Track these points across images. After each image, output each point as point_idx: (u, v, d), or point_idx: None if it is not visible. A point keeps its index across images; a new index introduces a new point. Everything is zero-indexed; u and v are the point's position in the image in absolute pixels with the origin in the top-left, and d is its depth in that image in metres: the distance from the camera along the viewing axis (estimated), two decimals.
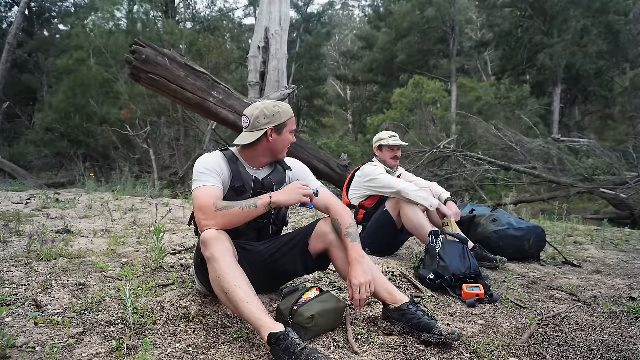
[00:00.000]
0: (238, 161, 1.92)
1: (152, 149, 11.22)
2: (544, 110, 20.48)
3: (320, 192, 1.91)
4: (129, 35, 14.19)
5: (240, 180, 1.87)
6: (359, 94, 31.42)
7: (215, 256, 1.61)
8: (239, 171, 1.89)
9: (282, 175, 2.00)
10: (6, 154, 12.95)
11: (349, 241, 1.79)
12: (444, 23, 22.23)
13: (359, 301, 1.68)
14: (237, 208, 1.67)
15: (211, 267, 1.63)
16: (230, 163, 1.89)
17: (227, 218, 1.67)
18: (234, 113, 5.29)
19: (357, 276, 1.70)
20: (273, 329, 1.48)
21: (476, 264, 2.49)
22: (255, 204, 1.69)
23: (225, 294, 1.58)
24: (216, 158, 1.88)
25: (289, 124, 1.92)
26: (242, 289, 1.57)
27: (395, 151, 3.18)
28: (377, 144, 3.22)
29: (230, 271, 1.60)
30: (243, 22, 28.01)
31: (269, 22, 9.16)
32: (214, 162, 1.85)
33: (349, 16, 41.04)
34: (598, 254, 3.73)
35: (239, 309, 1.56)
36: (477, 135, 13.92)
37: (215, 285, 1.64)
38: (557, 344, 1.78)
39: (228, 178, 1.86)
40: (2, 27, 20.61)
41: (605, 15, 19.11)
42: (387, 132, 3.28)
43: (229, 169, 1.87)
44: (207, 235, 1.64)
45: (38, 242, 2.62)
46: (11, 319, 1.70)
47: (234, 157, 1.92)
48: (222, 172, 1.84)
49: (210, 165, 1.82)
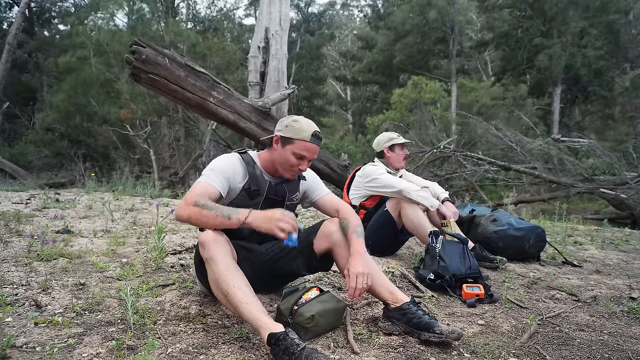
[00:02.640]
0: (255, 165, 1.91)
1: (152, 149, 11.22)
2: (544, 110, 20.48)
3: (329, 197, 1.99)
4: (130, 34, 14.19)
5: (256, 184, 1.86)
6: (359, 94, 31.43)
7: (213, 258, 1.61)
8: (255, 175, 1.88)
9: (297, 183, 2.00)
10: (6, 154, 12.95)
11: (355, 237, 1.80)
12: (444, 23, 22.23)
13: (354, 290, 1.67)
14: (213, 212, 1.63)
15: (210, 268, 1.63)
16: (248, 166, 1.88)
17: (199, 216, 1.64)
18: (234, 113, 5.29)
19: (355, 265, 1.70)
20: (272, 329, 1.48)
21: (476, 264, 2.49)
22: (229, 216, 1.64)
23: (225, 296, 1.59)
24: (233, 160, 1.87)
25: (296, 145, 1.82)
26: (241, 291, 1.57)
27: (405, 150, 3.18)
28: (387, 144, 3.15)
29: (228, 273, 1.60)
30: (243, 22, 28.03)
31: (269, 22, 9.16)
32: (228, 164, 1.84)
33: (349, 16, 41.05)
34: (598, 254, 3.73)
35: (238, 310, 1.56)
36: (477, 135, 13.92)
37: (214, 287, 1.64)
38: (557, 344, 1.78)
39: (243, 180, 1.85)
40: (2, 27, 20.60)
41: (604, 15, 19.11)
42: (392, 133, 3.26)
43: (246, 172, 1.87)
44: (206, 237, 1.65)
45: (38, 242, 2.62)
46: (11, 319, 1.70)
47: (251, 160, 1.91)
48: (234, 176, 1.83)
49: (222, 167, 1.81)
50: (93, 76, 13.59)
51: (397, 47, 23.41)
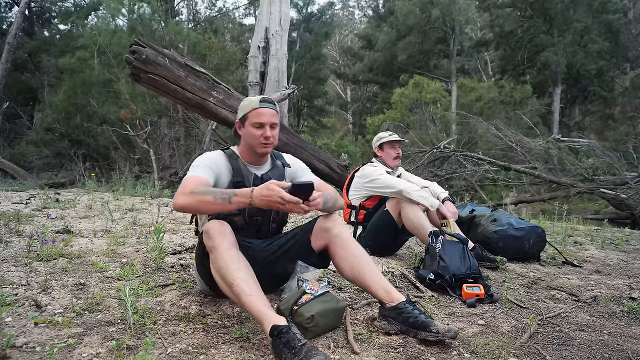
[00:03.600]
0: (238, 158, 1.95)
1: (152, 149, 11.21)
2: (544, 110, 20.48)
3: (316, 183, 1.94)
4: (130, 34, 14.19)
5: (240, 175, 1.90)
6: (359, 94, 31.43)
7: (218, 247, 1.62)
8: (239, 167, 1.92)
9: (282, 171, 2.03)
10: (6, 154, 12.94)
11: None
12: (445, 23, 22.23)
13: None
14: (211, 197, 1.62)
15: (214, 257, 1.63)
16: (231, 160, 1.92)
17: (198, 202, 1.62)
18: (234, 113, 5.29)
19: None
20: (276, 321, 1.50)
21: (476, 264, 2.49)
22: (229, 199, 1.61)
23: (229, 286, 1.59)
24: (214, 155, 1.92)
25: (250, 117, 1.88)
26: (245, 282, 1.58)
27: (396, 148, 3.19)
28: (377, 143, 3.23)
29: (233, 263, 1.60)
30: (243, 22, 28.04)
31: (269, 22, 9.16)
32: (210, 158, 1.88)
33: (349, 16, 41.05)
34: (598, 254, 3.73)
35: (242, 301, 1.56)
36: (477, 135, 13.93)
37: (217, 276, 1.64)
38: (557, 344, 1.78)
39: (228, 173, 1.89)
40: (2, 27, 20.60)
41: (605, 14, 19.11)
42: (384, 132, 3.30)
43: (229, 165, 1.91)
44: (211, 226, 1.67)
45: (38, 242, 2.62)
46: (11, 319, 1.70)
47: (234, 154, 1.96)
48: (217, 168, 1.86)
49: (205, 161, 1.85)
50: (93, 76, 13.59)
51: (398, 47, 23.41)
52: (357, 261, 1.84)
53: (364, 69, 26.83)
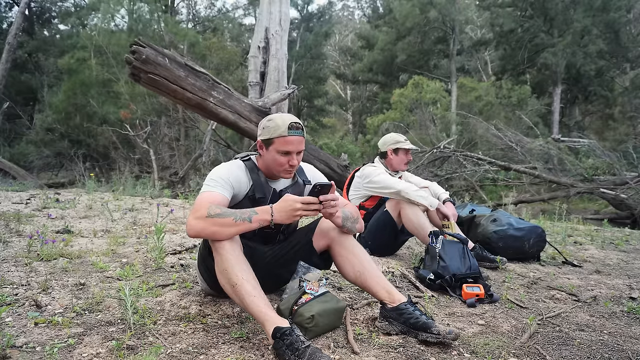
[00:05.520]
0: (259, 171, 1.87)
1: (152, 149, 11.20)
2: (544, 110, 20.47)
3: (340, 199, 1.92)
4: (130, 34, 14.19)
5: (261, 191, 1.82)
6: (359, 94, 31.42)
7: (223, 247, 1.62)
8: (260, 182, 1.84)
9: (301, 189, 1.96)
10: (6, 154, 12.94)
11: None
12: (444, 23, 22.23)
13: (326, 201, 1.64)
14: (231, 218, 1.59)
15: (219, 257, 1.63)
16: (252, 173, 1.85)
17: (216, 226, 1.58)
18: (233, 113, 5.29)
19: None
20: (279, 323, 1.50)
21: (476, 264, 2.49)
22: (249, 218, 1.60)
23: (232, 287, 1.59)
24: (234, 168, 1.83)
25: (277, 143, 1.76)
26: (249, 283, 1.58)
27: (409, 155, 3.17)
28: (392, 146, 3.12)
29: (237, 264, 1.60)
30: (243, 22, 28.01)
31: (269, 22, 9.17)
32: (230, 172, 1.79)
33: (349, 16, 41.05)
34: (598, 254, 3.73)
35: (244, 302, 1.56)
36: (477, 135, 13.92)
37: (221, 277, 1.63)
38: (557, 344, 1.78)
39: (247, 187, 1.82)
40: (2, 27, 20.59)
41: (605, 13, 19.11)
42: (399, 135, 3.21)
43: (250, 179, 1.84)
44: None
45: (38, 242, 2.62)
46: (11, 319, 1.70)
47: (254, 167, 1.87)
48: (237, 183, 1.79)
49: (224, 175, 1.77)
50: (93, 76, 13.59)
51: (398, 47, 23.40)
52: (358, 262, 1.85)
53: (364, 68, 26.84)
